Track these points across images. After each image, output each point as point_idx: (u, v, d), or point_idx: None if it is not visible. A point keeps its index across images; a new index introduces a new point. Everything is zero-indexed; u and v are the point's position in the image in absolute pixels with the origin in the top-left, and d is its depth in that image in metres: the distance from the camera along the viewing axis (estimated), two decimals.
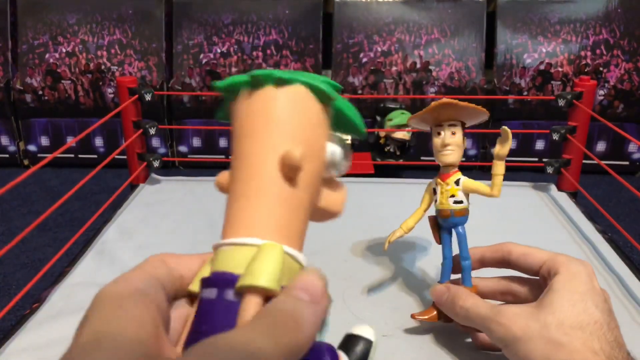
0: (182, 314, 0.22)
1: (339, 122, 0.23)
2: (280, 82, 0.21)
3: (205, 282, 0.20)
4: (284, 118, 0.21)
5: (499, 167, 0.39)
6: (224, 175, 0.23)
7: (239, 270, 0.20)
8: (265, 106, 0.21)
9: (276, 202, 0.21)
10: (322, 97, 0.22)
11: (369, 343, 0.22)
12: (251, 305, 0.19)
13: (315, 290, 0.20)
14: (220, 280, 0.20)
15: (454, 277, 0.42)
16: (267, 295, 0.19)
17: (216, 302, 0.20)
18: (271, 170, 0.21)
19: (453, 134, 0.40)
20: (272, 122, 0.21)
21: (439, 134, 0.40)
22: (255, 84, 0.22)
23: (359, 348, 0.22)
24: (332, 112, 0.23)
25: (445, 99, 0.38)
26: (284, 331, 0.18)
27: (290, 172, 0.21)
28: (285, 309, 0.19)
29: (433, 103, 0.38)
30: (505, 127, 0.38)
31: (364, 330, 0.23)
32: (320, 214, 0.24)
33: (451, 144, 0.40)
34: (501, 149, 0.38)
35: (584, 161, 0.71)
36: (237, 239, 0.20)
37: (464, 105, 0.38)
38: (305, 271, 0.21)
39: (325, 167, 0.23)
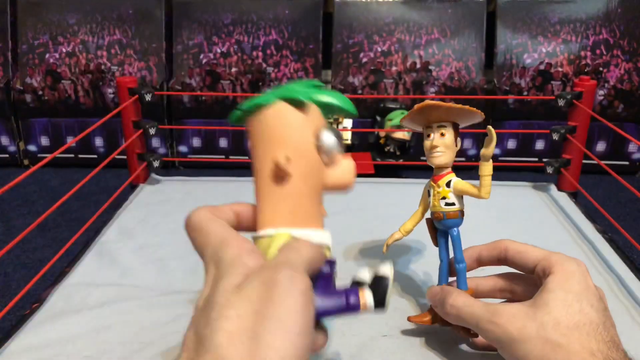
0: None
1: (330, 110, 0.29)
2: (264, 106, 0.28)
3: None
4: (270, 134, 0.28)
5: (485, 168, 0.39)
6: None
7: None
8: (257, 129, 0.28)
9: (279, 199, 0.27)
10: (297, 104, 0.28)
11: (387, 279, 0.28)
12: None
13: (301, 263, 0.25)
14: None
15: (452, 280, 0.42)
16: None
17: None
18: (270, 176, 0.27)
19: (442, 135, 0.39)
20: (263, 140, 0.28)
21: (428, 135, 0.40)
22: (247, 114, 0.29)
23: (381, 283, 0.28)
24: (318, 107, 0.29)
25: (428, 101, 0.37)
26: (301, 251, 0.26)
27: (281, 173, 0.27)
28: (286, 249, 0.26)
29: (417, 105, 0.38)
30: (490, 127, 0.37)
31: (383, 269, 0.29)
32: (333, 189, 0.29)
33: (440, 146, 0.39)
34: (487, 149, 0.38)
35: (584, 161, 0.71)
36: (259, 232, 0.28)
37: (449, 106, 0.38)
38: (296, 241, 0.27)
39: (321, 154, 0.28)
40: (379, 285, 0.28)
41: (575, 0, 1.21)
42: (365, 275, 0.29)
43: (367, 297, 0.27)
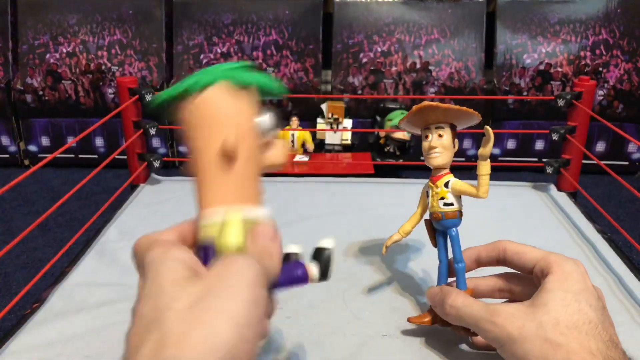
0: None
1: (262, 92, 0.29)
2: (204, 87, 0.27)
3: (198, 249, 0.28)
4: (216, 115, 0.27)
5: (483, 167, 0.39)
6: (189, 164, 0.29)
7: (214, 237, 0.27)
8: (200, 111, 0.28)
9: (227, 180, 0.27)
10: (240, 84, 0.28)
11: (329, 250, 0.30)
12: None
13: (270, 233, 0.28)
14: (206, 247, 0.28)
15: (452, 280, 0.42)
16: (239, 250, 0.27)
17: (205, 258, 0.28)
18: (217, 158, 0.27)
19: (440, 136, 0.39)
20: (209, 122, 0.27)
21: (426, 136, 0.40)
22: (186, 95, 0.28)
23: (323, 255, 0.30)
24: (253, 88, 0.29)
25: (426, 102, 0.38)
26: (264, 258, 0.27)
27: (230, 156, 0.27)
28: (258, 248, 0.27)
29: (415, 106, 0.38)
30: (487, 127, 0.37)
31: (325, 242, 0.31)
32: (269, 168, 0.30)
33: (438, 147, 0.39)
34: (484, 149, 0.38)
35: (584, 161, 0.71)
36: (209, 220, 0.28)
37: (447, 107, 0.38)
38: (261, 224, 0.28)
39: (259, 136, 0.29)
40: (321, 258, 0.30)
41: (575, 1, 1.21)
42: (293, 248, 0.31)
43: (312, 269, 0.30)
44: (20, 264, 0.88)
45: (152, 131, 0.71)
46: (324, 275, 0.30)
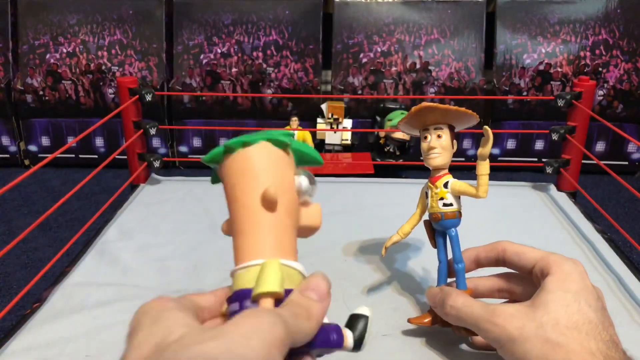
0: None
1: (301, 159, 0.30)
2: (247, 144, 0.28)
3: (230, 300, 0.27)
4: (258, 168, 0.28)
5: (482, 167, 0.39)
6: (226, 222, 0.29)
7: (251, 285, 0.26)
8: (242, 164, 0.28)
9: (267, 230, 0.27)
10: (280, 144, 0.29)
11: (366, 318, 0.29)
12: (266, 306, 0.25)
13: (321, 291, 0.26)
14: (240, 295, 0.26)
15: (451, 280, 0.42)
16: (276, 298, 0.25)
17: (239, 311, 0.25)
18: (257, 208, 0.27)
19: (439, 137, 0.39)
20: (250, 173, 0.28)
21: (425, 137, 0.40)
22: (230, 151, 0.28)
23: (360, 324, 0.28)
24: (292, 153, 0.30)
25: (425, 103, 0.38)
26: (300, 319, 0.24)
27: (270, 205, 0.27)
28: (301, 304, 0.25)
29: (414, 108, 0.38)
30: (487, 127, 0.37)
31: (362, 310, 0.29)
32: (304, 231, 0.30)
33: (437, 147, 0.39)
34: (483, 149, 0.38)
35: (584, 161, 0.71)
36: (246, 263, 0.27)
37: (446, 108, 0.38)
38: (314, 275, 0.27)
39: (298, 195, 0.29)
40: (357, 326, 0.28)
41: (575, 1, 1.21)
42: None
43: (348, 336, 0.28)
44: (20, 264, 0.88)
45: (152, 131, 0.71)
46: (357, 346, 0.28)
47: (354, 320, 0.29)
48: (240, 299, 0.26)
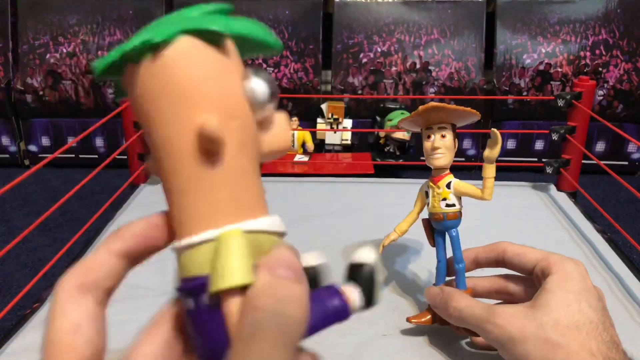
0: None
1: (246, 46, 0.20)
2: (159, 47, 0.18)
3: (180, 289, 0.20)
4: (183, 87, 0.18)
5: (489, 170, 0.39)
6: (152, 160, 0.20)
7: (205, 270, 0.18)
8: (157, 81, 0.18)
9: (215, 184, 0.19)
10: (211, 38, 0.19)
11: (370, 266, 0.22)
12: (233, 306, 0.18)
13: (294, 265, 0.19)
14: (192, 288, 0.19)
15: (449, 279, 0.42)
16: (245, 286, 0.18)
17: (197, 312, 0.19)
18: (194, 152, 0.18)
19: (443, 136, 0.39)
20: (173, 99, 0.18)
21: (428, 137, 0.40)
22: (131, 59, 0.19)
23: (364, 272, 0.21)
24: (233, 41, 0.20)
25: (433, 103, 0.38)
26: (284, 306, 0.18)
27: (213, 145, 0.18)
28: (275, 290, 0.18)
29: (421, 107, 0.38)
30: (495, 130, 0.37)
31: (362, 255, 0.22)
32: (269, 156, 0.21)
33: (441, 147, 0.39)
34: (491, 151, 0.38)
35: (584, 161, 0.71)
36: (192, 239, 0.19)
37: (453, 108, 0.38)
38: (279, 247, 0.19)
39: (252, 110, 0.20)
40: (361, 276, 0.21)
41: (575, 1, 1.21)
42: (310, 258, 0.21)
43: (352, 294, 0.21)
44: (20, 264, 0.88)
45: None
46: (369, 300, 0.21)
47: (354, 272, 0.22)
48: (194, 293, 0.19)
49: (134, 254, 0.21)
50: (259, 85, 0.19)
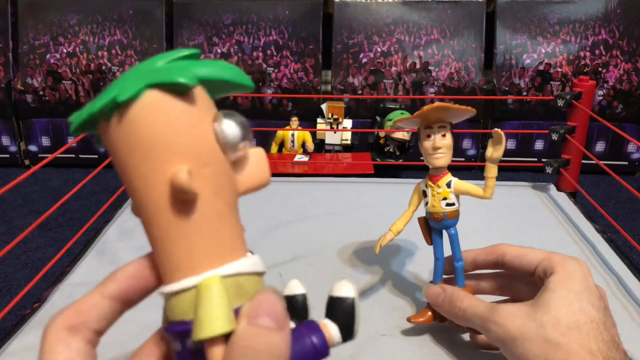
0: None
1: (218, 88, 0.21)
2: (125, 105, 0.19)
3: (168, 333, 0.20)
4: (151, 141, 0.19)
5: (491, 170, 0.39)
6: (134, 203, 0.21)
7: (189, 316, 0.19)
8: (128, 136, 0.19)
9: (192, 231, 0.19)
10: (177, 89, 0.19)
11: (351, 301, 0.21)
12: (216, 353, 0.19)
13: (277, 313, 0.19)
14: (177, 332, 0.20)
15: (447, 277, 0.42)
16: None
17: (183, 354, 0.20)
18: (168, 203, 0.19)
19: (443, 136, 0.39)
20: (142, 152, 0.19)
21: (428, 136, 0.40)
22: (103, 117, 0.19)
23: (342, 306, 0.21)
24: (203, 86, 0.20)
25: (438, 103, 0.37)
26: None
27: (186, 195, 0.19)
28: (253, 340, 0.18)
29: (425, 107, 0.38)
30: (499, 130, 0.37)
31: (342, 290, 0.22)
32: (248, 192, 0.22)
33: (442, 147, 0.39)
34: (494, 152, 0.38)
35: (583, 161, 0.71)
36: (174, 286, 0.19)
37: (459, 108, 0.38)
38: (263, 292, 0.20)
39: (225, 152, 0.20)
40: (340, 309, 0.21)
41: (575, 1, 1.21)
42: (294, 287, 0.22)
43: (330, 329, 0.21)
44: (20, 264, 0.88)
45: None
46: (347, 335, 0.21)
47: (333, 305, 0.22)
48: (179, 337, 0.20)
49: (127, 296, 0.22)
50: (230, 127, 0.20)
